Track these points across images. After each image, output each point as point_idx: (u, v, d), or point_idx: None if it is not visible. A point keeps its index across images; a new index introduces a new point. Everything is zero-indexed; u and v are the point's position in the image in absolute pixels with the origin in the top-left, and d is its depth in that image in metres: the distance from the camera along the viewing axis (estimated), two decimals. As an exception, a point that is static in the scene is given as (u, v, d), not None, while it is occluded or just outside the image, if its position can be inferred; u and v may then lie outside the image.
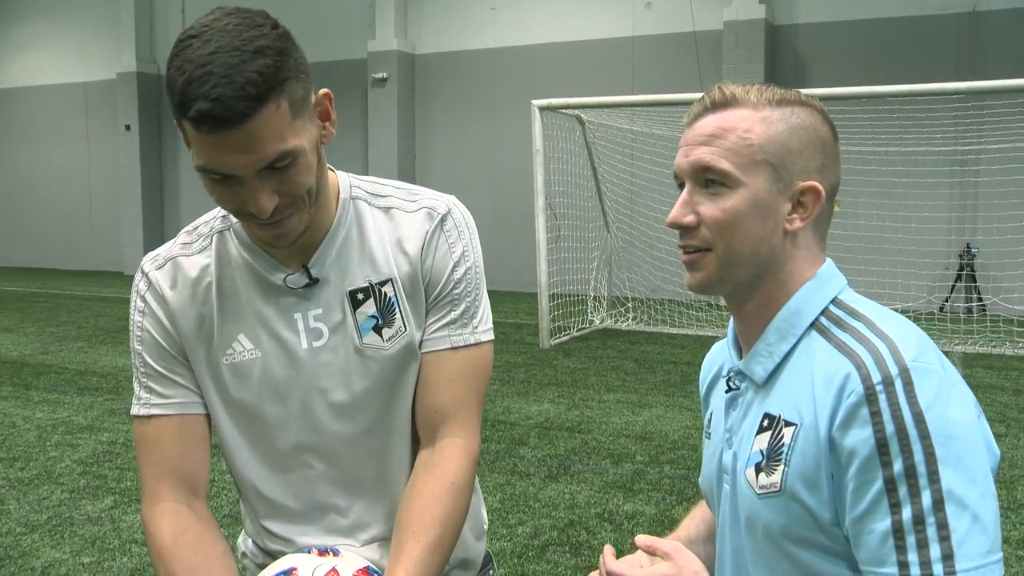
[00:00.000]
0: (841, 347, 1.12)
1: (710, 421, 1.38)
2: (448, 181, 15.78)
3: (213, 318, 1.40)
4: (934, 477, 1.00)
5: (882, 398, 1.03)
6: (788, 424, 1.13)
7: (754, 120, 1.18)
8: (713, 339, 10.05)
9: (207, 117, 1.13)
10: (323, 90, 1.29)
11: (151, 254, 1.45)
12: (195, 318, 1.40)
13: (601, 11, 14.54)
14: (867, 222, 11.54)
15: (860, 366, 1.07)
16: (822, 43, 13.17)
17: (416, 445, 1.48)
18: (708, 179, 1.19)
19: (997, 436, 6.81)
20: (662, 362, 8.85)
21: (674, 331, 10.74)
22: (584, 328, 10.74)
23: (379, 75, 15.77)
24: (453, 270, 1.43)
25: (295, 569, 1.36)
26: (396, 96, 15.68)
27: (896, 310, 1.08)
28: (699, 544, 1.43)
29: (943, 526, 1.00)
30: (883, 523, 1.02)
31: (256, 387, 1.40)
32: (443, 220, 1.43)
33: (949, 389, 1.06)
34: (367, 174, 1.50)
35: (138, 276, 1.44)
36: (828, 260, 1.23)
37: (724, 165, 1.17)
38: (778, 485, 1.13)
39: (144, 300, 1.42)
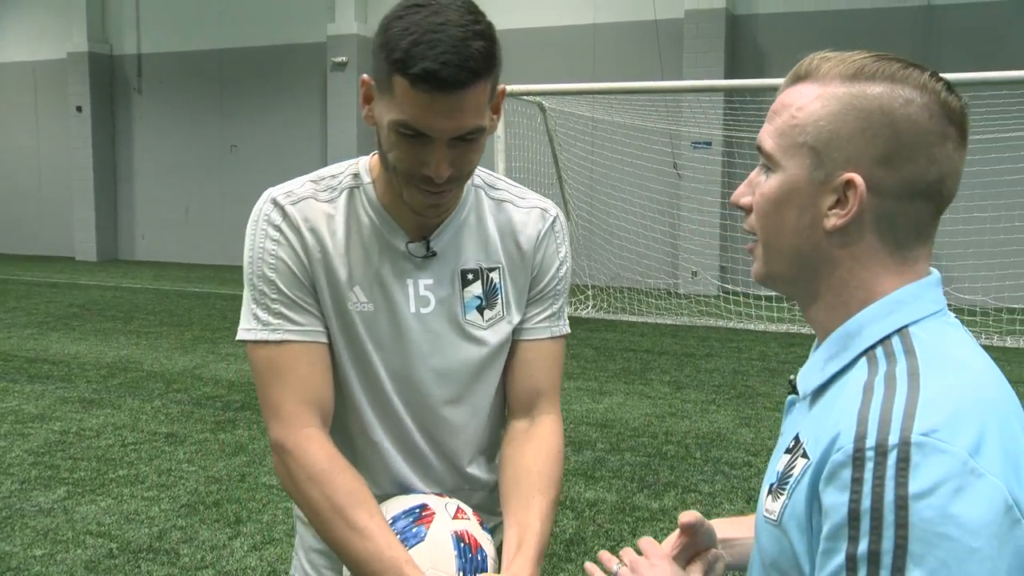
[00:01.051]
0: (866, 388, 0.96)
1: None
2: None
3: (340, 262, 1.47)
4: (898, 574, 0.86)
5: (869, 466, 0.89)
6: (804, 456, 1.00)
7: (813, 96, 1.02)
8: (672, 327, 10.27)
9: (432, 77, 1.25)
10: (503, 86, 1.42)
11: (279, 189, 1.49)
12: (322, 260, 1.46)
13: (562, -2, 14.52)
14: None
15: (862, 421, 0.92)
16: (781, 33, 13.27)
17: (491, 428, 1.63)
18: (762, 159, 1.08)
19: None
20: (622, 350, 8.88)
21: (634, 319, 10.80)
22: (544, 316, 10.73)
23: (338, 59, 15.60)
24: (559, 268, 1.60)
25: (427, 505, 1.48)
26: (356, 81, 15.42)
27: None
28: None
29: None
30: None
31: (368, 337, 1.48)
32: (554, 222, 1.60)
33: (965, 480, 0.87)
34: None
35: (268, 206, 1.47)
36: (919, 283, 1.03)
37: (768, 146, 1.05)
38: (775, 515, 1.02)
39: (279, 230, 1.46)
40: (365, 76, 1.39)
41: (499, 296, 1.55)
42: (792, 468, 1.00)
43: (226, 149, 17.62)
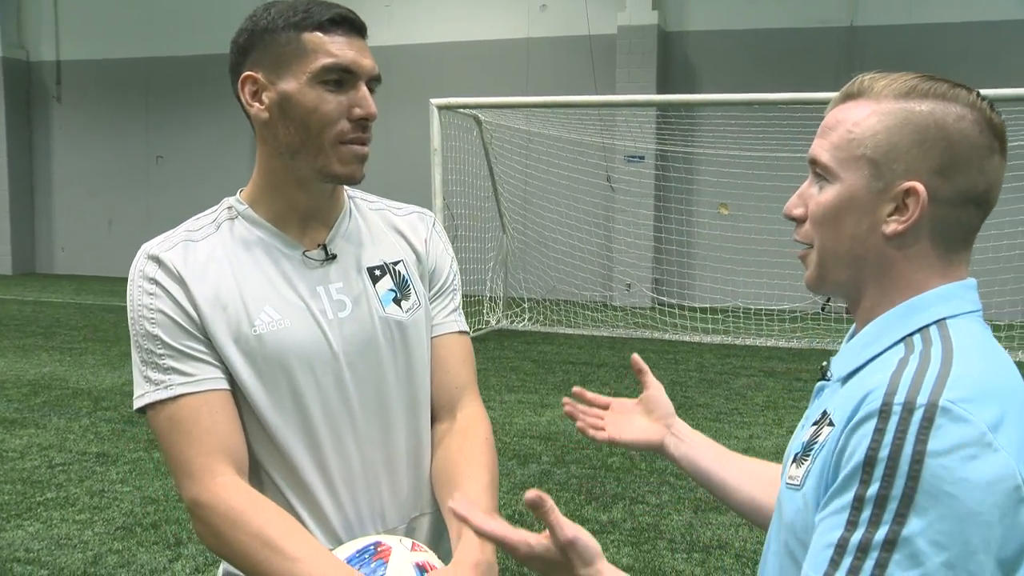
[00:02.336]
0: (901, 361, 1.03)
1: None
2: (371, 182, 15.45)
3: (235, 293, 1.41)
4: (900, 519, 0.94)
5: (893, 420, 0.96)
6: (831, 424, 1.07)
7: (869, 112, 1.10)
8: (608, 340, 10.34)
9: (345, 20, 1.38)
10: None
11: (152, 241, 1.45)
12: (213, 294, 1.41)
13: (497, 12, 14.54)
14: (756, 225, 11.91)
15: (893, 381, 0.99)
16: (711, 50, 13.53)
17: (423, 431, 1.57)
18: (816, 172, 1.14)
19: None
20: (560, 362, 8.89)
21: (570, 331, 10.83)
22: (481, 329, 10.71)
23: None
24: (451, 265, 1.62)
25: (380, 542, 1.40)
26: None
27: (784, 310, 1.08)
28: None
29: (881, 566, 0.94)
30: (833, 533, 0.98)
31: (287, 357, 1.42)
32: (434, 223, 1.63)
33: (981, 450, 0.94)
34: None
35: (142, 261, 1.43)
36: (960, 283, 1.11)
37: (825, 158, 1.12)
38: (799, 480, 1.09)
39: (155, 282, 1.40)
40: (248, 73, 1.40)
41: (411, 286, 1.54)
42: (818, 436, 1.08)
43: (152, 161, 17.17)
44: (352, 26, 1.39)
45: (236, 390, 1.42)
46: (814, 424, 1.12)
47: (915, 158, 1.07)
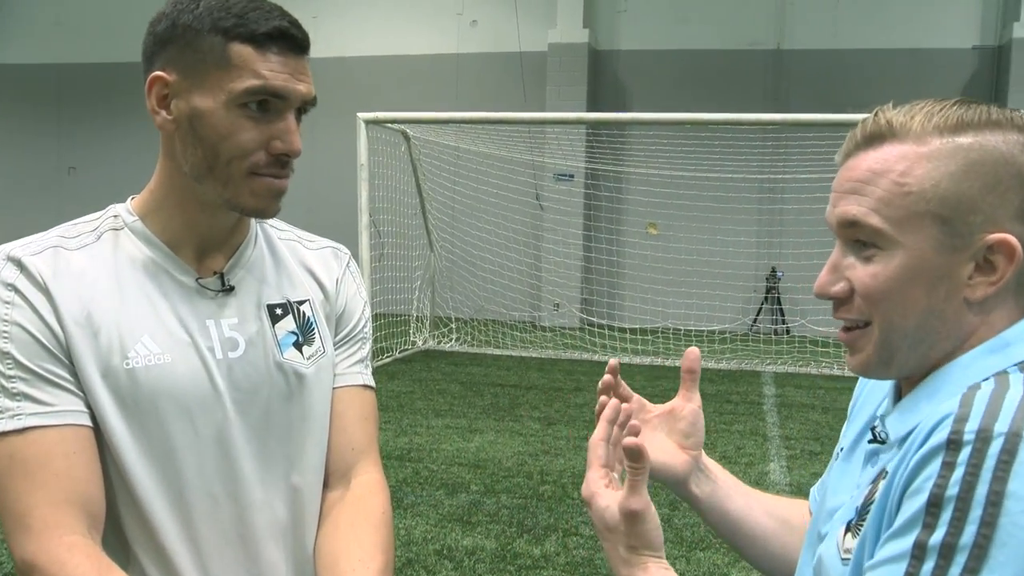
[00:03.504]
0: (972, 386, 0.88)
1: (843, 449, 1.11)
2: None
3: (110, 316, 1.19)
4: (972, 574, 0.78)
5: (965, 452, 0.80)
6: (884, 474, 0.91)
7: (916, 157, 0.92)
8: (537, 361, 10.17)
9: (285, 35, 1.15)
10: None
11: (15, 243, 1.22)
12: (84, 314, 1.18)
13: (426, 26, 14.35)
14: (685, 245, 11.92)
15: (966, 405, 0.83)
16: (642, 70, 13.56)
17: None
18: (858, 237, 0.94)
19: (812, 454, 6.99)
20: (488, 384, 8.68)
21: (498, 352, 10.64)
22: (407, 349, 10.44)
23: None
24: (363, 310, 1.43)
25: None
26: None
27: (713, 331, 0.91)
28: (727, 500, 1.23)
29: None
30: None
31: (163, 399, 1.20)
32: (349, 262, 1.44)
33: None
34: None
35: (1, 264, 1.18)
36: None
37: (873, 221, 0.92)
38: (853, 551, 0.92)
39: (14, 289, 1.16)
40: (159, 73, 1.17)
41: (316, 331, 1.33)
42: (873, 495, 0.91)
43: (64, 171, 16.47)
44: (292, 42, 1.17)
45: (96, 431, 1.17)
46: (870, 485, 0.95)
47: (992, 205, 0.90)
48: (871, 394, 1.11)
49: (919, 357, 0.95)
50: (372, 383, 1.41)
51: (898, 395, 1.01)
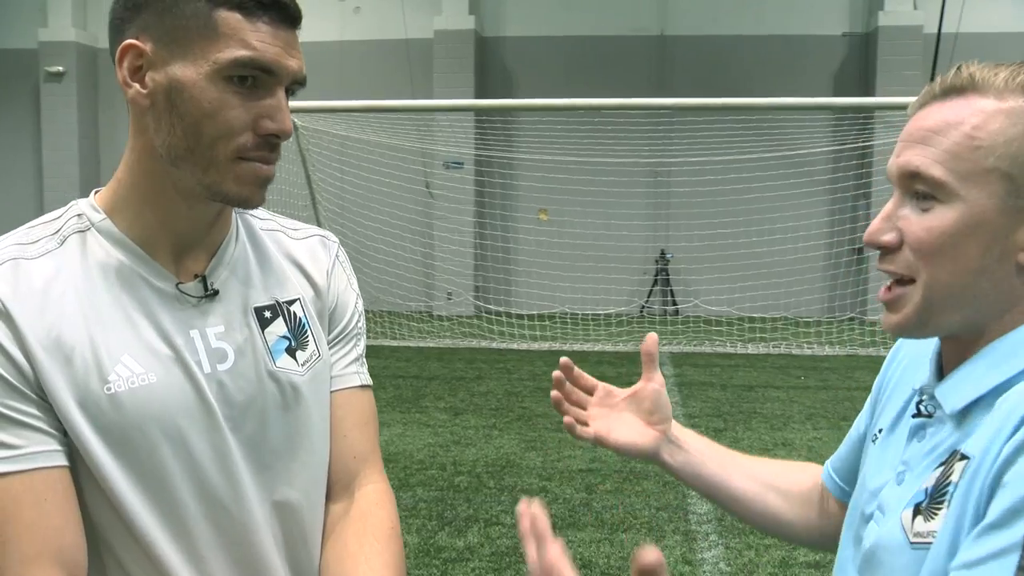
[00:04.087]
0: None
1: (883, 431, 1.08)
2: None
3: (84, 337, 1.06)
4: None
5: None
6: (963, 458, 0.88)
7: (993, 113, 0.89)
8: (436, 351, 10.10)
9: (277, 3, 1.05)
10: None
11: None
12: (52, 338, 1.04)
13: (308, 13, 13.85)
14: (576, 230, 12.03)
15: None
16: (528, 56, 13.58)
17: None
18: (917, 189, 0.92)
19: (717, 431, 7.22)
20: (390, 376, 8.55)
21: (395, 343, 10.52)
22: (302, 344, 10.19)
23: (53, 69, 14.04)
24: (356, 304, 1.31)
25: None
26: (76, 93, 14.05)
27: (610, 315, 0.92)
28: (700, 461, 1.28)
29: None
30: None
31: (151, 424, 1.07)
32: (338, 252, 1.32)
33: None
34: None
35: None
36: None
37: (936, 172, 0.90)
38: (935, 535, 0.87)
39: None
40: (132, 41, 1.05)
41: (308, 332, 1.22)
42: (948, 477, 0.88)
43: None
44: (284, 13, 1.06)
45: (79, 465, 1.05)
46: (940, 466, 0.91)
47: None
48: (907, 372, 1.09)
49: (961, 320, 0.93)
50: (370, 382, 1.32)
51: (939, 368, 1.00)
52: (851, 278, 11.55)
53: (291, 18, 1.07)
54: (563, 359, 1.33)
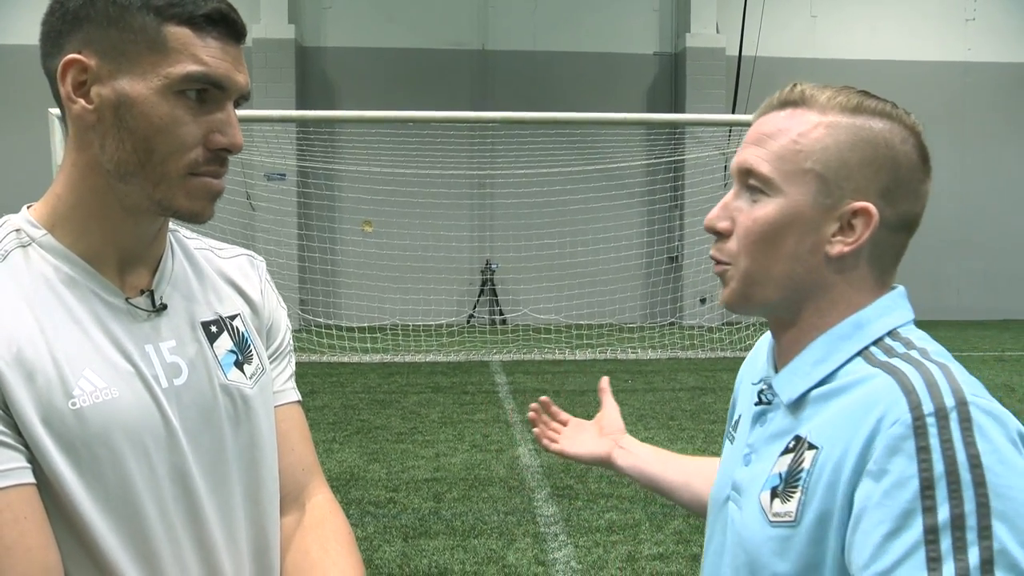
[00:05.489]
0: (888, 368, 0.98)
1: (736, 424, 1.22)
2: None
3: (44, 352, 1.02)
4: (985, 532, 0.85)
5: (933, 431, 0.89)
6: (811, 447, 0.99)
7: (815, 124, 1.03)
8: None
9: (224, 19, 1.04)
10: None
11: None
12: (12, 352, 1.00)
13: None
14: (403, 241, 12.01)
15: (910, 391, 0.92)
16: (349, 67, 13.47)
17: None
18: (750, 183, 1.05)
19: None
20: (217, 394, 8.24)
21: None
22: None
23: None
24: (286, 320, 1.34)
25: None
26: None
27: (440, 325, 1.06)
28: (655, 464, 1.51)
29: None
30: None
31: (116, 438, 1.04)
32: (264, 270, 1.33)
33: (1016, 437, 0.92)
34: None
35: None
36: (895, 291, 1.08)
37: (764, 169, 1.03)
38: (793, 515, 0.98)
39: None
40: (75, 56, 1.02)
41: (252, 347, 1.22)
42: (799, 464, 0.99)
43: None
44: (232, 29, 1.06)
45: (41, 486, 1.00)
46: (786, 453, 1.03)
47: (866, 178, 1.02)
48: (749, 372, 1.24)
49: (779, 299, 1.06)
50: (300, 398, 1.34)
51: (775, 361, 1.14)
52: (669, 285, 12.16)
53: (238, 34, 1.08)
54: (543, 398, 1.67)
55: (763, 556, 1.01)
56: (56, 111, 8.35)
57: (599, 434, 1.58)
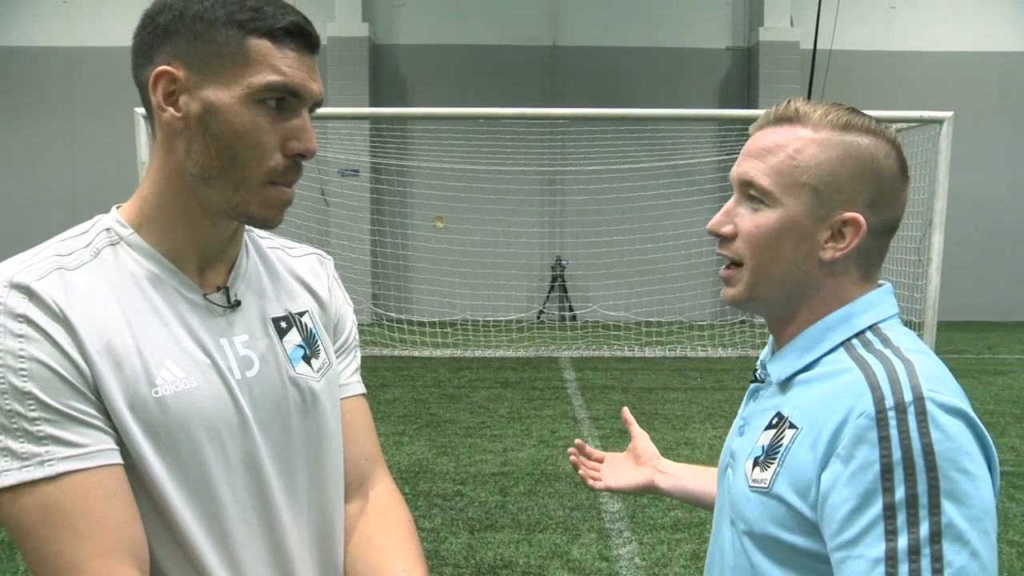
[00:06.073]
0: (861, 363, 1.11)
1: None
2: (13, 197, 13.78)
3: (130, 343, 1.10)
4: (935, 509, 1.01)
5: (892, 423, 1.03)
6: (792, 427, 1.14)
7: (808, 141, 1.15)
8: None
9: (301, 32, 1.12)
10: None
11: (12, 265, 1.08)
12: (104, 343, 1.08)
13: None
14: (473, 237, 12.11)
15: (875, 387, 1.06)
16: (422, 64, 13.62)
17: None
18: (751, 193, 1.17)
19: (622, 432, 7.42)
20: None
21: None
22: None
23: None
24: (352, 316, 1.41)
25: None
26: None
27: (511, 320, 1.12)
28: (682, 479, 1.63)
29: (937, 559, 1.00)
30: (876, 549, 1.02)
31: (194, 426, 1.12)
32: (332, 268, 1.41)
33: (968, 425, 1.06)
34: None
35: (2, 292, 1.05)
36: (880, 289, 1.21)
37: (764, 182, 1.15)
38: (767, 483, 1.14)
39: (26, 320, 1.04)
40: (165, 67, 1.10)
41: (319, 342, 1.29)
42: (780, 439, 1.14)
43: None
44: (307, 40, 1.14)
45: (128, 468, 1.08)
46: (769, 428, 1.18)
47: (854, 190, 1.14)
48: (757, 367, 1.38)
49: (779, 298, 1.19)
50: (365, 390, 1.41)
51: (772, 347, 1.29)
52: (739, 282, 12.00)
53: (312, 45, 1.15)
54: (577, 441, 1.78)
55: (745, 512, 1.17)
56: (142, 111, 8.65)
57: (636, 464, 1.69)
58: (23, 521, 1.02)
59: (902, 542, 1.00)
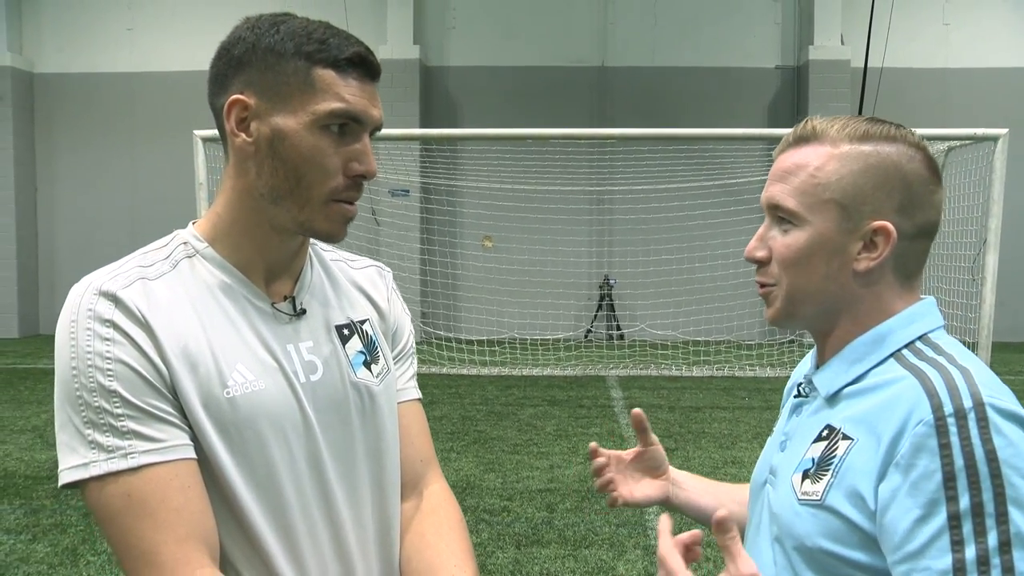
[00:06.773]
0: (915, 371, 1.10)
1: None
2: (78, 215, 14.22)
3: (205, 347, 1.20)
4: (1003, 518, 0.98)
5: (953, 431, 1.01)
6: (845, 438, 1.12)
7: (828, 157, 1.16)
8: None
9: (363, 62, 1.20)
10: None
11: (99, 276, 1.19)
12: (181, 347, 1.18)
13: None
14: (522, 256, 12.20)
15: (932, 394, 1.04)
16: (471, 85, 13.80)
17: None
18: (779, 216, 1.19)
19: (669, 451, 7.51)
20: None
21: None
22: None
23: (-11, 94, 13.83)
24: (410, 325, 1.48)
25: None
26: (12, 118, 13.82)
27: (559, 339, 1.13)
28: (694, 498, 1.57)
29: (1009, 569, 0.97)
30: (942, 561, 0.99)
31: (262, 425, 1.22)
32: (391, 279, 1.49)
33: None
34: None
35: (90, 298, 1.16)
36: (925, 300, 1.21)
37: (790, 203, 1.17)
38: (820, 495, 1.11)
39: (112, 325, 1.15)
40: (238, 96, 1.20)
41: (379, 349, 1.38)
42: (832, 451, 1.12)
43: None
44: (369, 69, 1.23)
45: (200, 463, 1.18)
46: (819, 440, 1.16)
47: (880, 199, 1.14)
48: (791, 383, 1.37)
49: (816, 313, 1.20)
50: (421, 396, 1.49)
51: (816, 362, 1.28)
52: (788, 302, 11.91)
53: (374, 73, 1.24)
54: (592, 444, 1.61)
55: (795, 527, 1.14)
56: (201, 133, 8.92)
57: (652, 476, 1.59)
58: (108, 508, 1.12)
59: (970, 552, 0.97)
